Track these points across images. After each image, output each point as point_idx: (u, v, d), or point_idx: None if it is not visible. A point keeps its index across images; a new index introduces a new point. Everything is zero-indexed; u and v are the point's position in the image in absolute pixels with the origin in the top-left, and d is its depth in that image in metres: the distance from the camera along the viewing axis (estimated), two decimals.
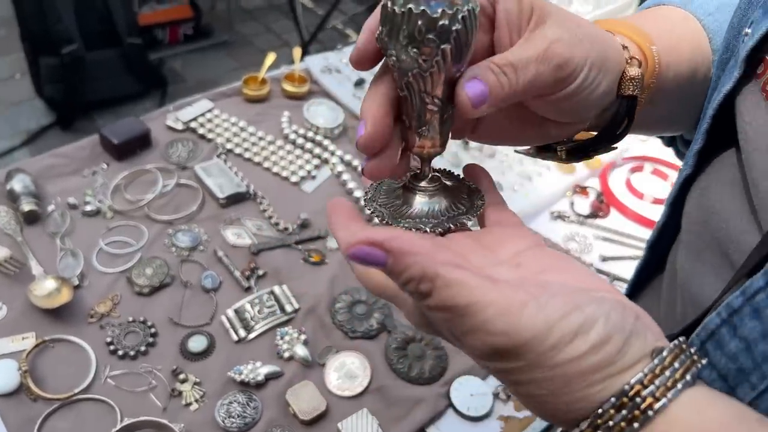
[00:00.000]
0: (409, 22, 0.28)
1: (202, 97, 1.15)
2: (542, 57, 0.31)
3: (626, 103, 0.37)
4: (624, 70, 0.36)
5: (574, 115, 0.36)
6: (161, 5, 2.84)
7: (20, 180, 0.92)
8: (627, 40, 0.38)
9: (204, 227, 0.93)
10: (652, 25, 0.41)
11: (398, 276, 0.27)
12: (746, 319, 0.26)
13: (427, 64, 0.29)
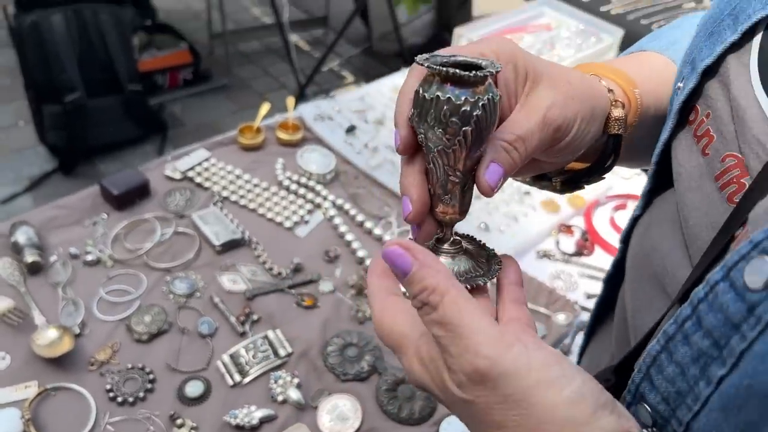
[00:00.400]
0: (436, 106, 0.32)
1: (199, 147, 1.19)
2: (542, 125, 0.35)
3: (612, 140, 0.42)
4: (609, 111, 0.40)
5: (565, 158, 0.41)
6: (161, 52, 2.92)
7: (24, 232, 0.96)
8: (612, 83, 0.42)
9: (201, 274, 0.97)
10: (635, 69, 0.45)
11: (417, 283, 0.31)
12: (679, 345, 0.29)
13: (450, 143, 0.33)
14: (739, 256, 0.26)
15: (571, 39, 1.45)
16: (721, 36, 0.34)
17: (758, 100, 0.31)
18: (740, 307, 0.25)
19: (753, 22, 0.33)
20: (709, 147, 0.34)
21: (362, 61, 3.46)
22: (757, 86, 0.31)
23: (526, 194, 1.17)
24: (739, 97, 0.32)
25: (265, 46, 3.51)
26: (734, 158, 0.32)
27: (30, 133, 2.59)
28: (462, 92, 0.32)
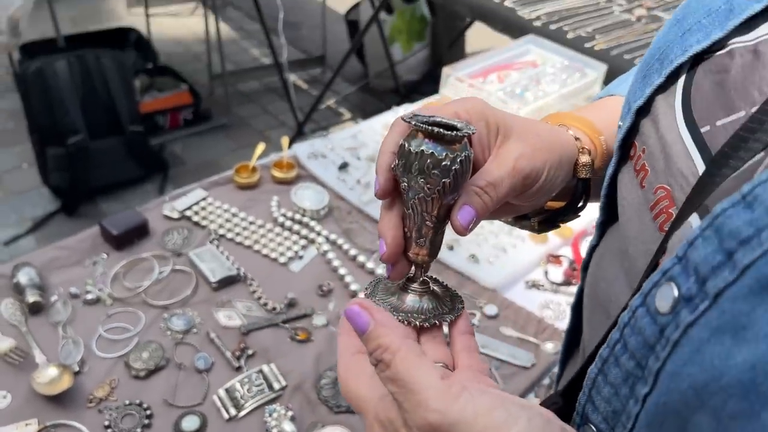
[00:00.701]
0: (420, 159, 0.37)
1: (196, 187, 1.23)
2: (512, 173, 0.39)
3: (582, 183, 0.46)
4: (577, 158, 0.45)
5: (538, 200, 0.45)
6: (162, 93, 3.00)
7: (26, 273, 0.99)
8: (579, 132, 0.47)
9: (197, 310, 0.99)
10: (600, 116, 0.50)
11: (372, 341, 0.34)
12: (611, 366, 0.31)
13: (430, 191, 0.37)
14: (652, 283, 0.28)
15: (556, 74, 1.49)
16: (650, 79, 0.38)
17: (682, 137, 0.34)
18: (654, 330, 0.28)
19: (675, 66, 0.36)
20: (645, 180, 0.36)
21: (359, 98, 3.54)
22: (681, 124, 0.34)
23: None
24: (666, 134, 0.35)
25: (264, 86, 3.59)
26: (664, 190, 0.34)
27: (34, 176, 2.64)
28: (443, 149, 0.36)
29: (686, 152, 0.33)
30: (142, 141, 2.62)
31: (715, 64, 0.34)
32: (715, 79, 0.33)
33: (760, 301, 0.23)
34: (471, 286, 1.07)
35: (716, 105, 0.33)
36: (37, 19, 2.90)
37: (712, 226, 0.25)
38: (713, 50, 0.34)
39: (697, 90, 0.34)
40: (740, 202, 0.25)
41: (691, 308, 0.26)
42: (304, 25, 4.23)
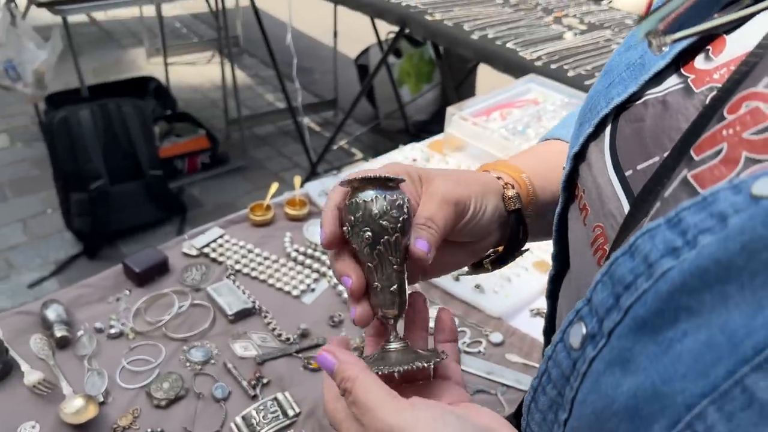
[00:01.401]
0: (376, 203, 0.42)
1: (213, 225, 1.29)
2: (442, 204, 0.45)
3: (515, 216, 0.51)
4: (503, 192, 0.51)
5: (478, 234, 0.50)
6: (181, 138, 3.11)
7: (54, 309, 1.05)
8: (501, 172, 0.53)
9: (215, 342, 1.04)
10: (527, 159, 0.57)
11: (338, 375, 0.40)
12: (540, 395, 0.34)
13: (392, 230, 0.42)
14: (568, 321, 0.32)
15: (557, 111, 1.55)
16: (583, 127, 0.42)
17: (611, 180, 0.37)
18: (569, 363, 0.31)
19: (601, 117, 0.39)
20: (586, 218, 0.40)
21: (370, 138, 3.63)
22: (610, 168, 0.37)
23: None
24: (598, 177, 0.38)
25: (278, 129, 3.70)
26: (600, 228, 0.37)
27: (57, 220, 2.74)
28: (392, 191, 0.43)
29: (615, 194, 0.36)
30: (161, 185, 2.70)
31: (633, 114, 0.37)
32: (633, 127, 0.37)
33: (638, 338, 0.26)
34: (477, 315, 1.11)
35: (636, 151, 0.36)
36: (62, 71, 3.04)
37: (608, 273, 0.29)
38: (633, 100, 0.38)
39: (620, 137, 0.38)
40: (627, 251, 0.28)
41: (593, 345, 0.29)
42: (316, 71, 4.37)
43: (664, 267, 0.25)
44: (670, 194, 0.30)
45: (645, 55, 0.38)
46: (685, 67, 0.36)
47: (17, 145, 3.40)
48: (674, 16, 0.31)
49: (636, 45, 0.40)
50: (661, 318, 0.25)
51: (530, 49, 2.00)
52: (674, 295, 0.25)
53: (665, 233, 0.26)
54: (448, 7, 2.35)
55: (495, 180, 0.51)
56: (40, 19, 3.17)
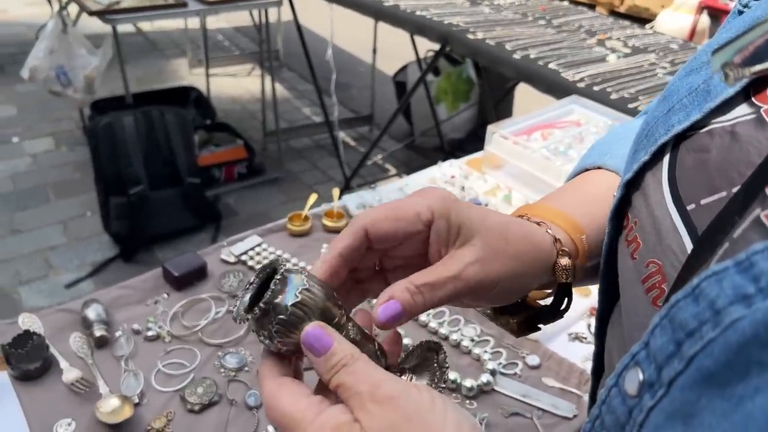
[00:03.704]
0: (269, 317, 0.37)
1: (252, 233, 1.30)
2: (455, 279, 0.39)
3: (563, 290, 0.46)
4: (556, 261, 0.45)
5: (503, 302, 0.45)
6: (219, 148, 3.16)
7: (94, 309, 1.06)
8: (560, 230, 0.47)
9: (249, 350, 1.04)
10: (581, 207, 0.50)
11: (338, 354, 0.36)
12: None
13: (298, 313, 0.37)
14: (623, 365, 0.30)
15: (600, 133, 1.53)
16: (639, 155, 0.39)
17: (670, 214, 0.34)
18: (624, 410, 0.29)
19: (659, 145, 0.37)
20: (637, 252, 0.37)
21: (404, 155, 3.63)
22: (669, 201, 0.35)
23: None
24: (656, 210, 0.36)
25: (314, 142, 3.74)
26: (656, 265, 0.35)
27: (96, 223, 2.80)
28: (285, 285, 0.38)
29: (675, 229, 0.34)
30: (198, 192, 2.75)
31: (696, 143, 0.35)
32: (696, 158, 0.34)
33: (703, 392, 0.24)
34: (513, 337, 1.09)
35: (699, 184, 0.33)
36: (107, 78, 3.13)
37: (668, 316, 0.27)
38: (695, 128, 0.35)
39: (681, 168, 0.35)
40: (690, 294, 0.26)
41: (651, 393, 0.27)
42: (353, 86, 4.42)
43: (734, 316, 0.24)
44: (740, 234, 0.28)
45: (710, 81, 0.36)
46: (757, 96, 0.33)
47: (62, 149, 3.49)
48: (752, 49, 0.30)
49: (698, 69, 0.37)
50: (729, 371, 0.24)
51: (573, 71, 1.99)
52: (745, 348, 0.23)
53: (735, 278, 0.24)
54: (490, 27, 2.36)
55: (549, 245, 0.45)
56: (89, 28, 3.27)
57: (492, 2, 2.75)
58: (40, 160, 3.38)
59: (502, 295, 0.43)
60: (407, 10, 2.49)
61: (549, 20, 2.53)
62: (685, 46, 2.37)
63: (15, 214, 2.93)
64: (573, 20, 2.57)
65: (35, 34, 3.09)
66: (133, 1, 2.69)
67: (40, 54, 2.98)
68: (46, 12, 3.34)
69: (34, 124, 3.72)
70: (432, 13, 2.46)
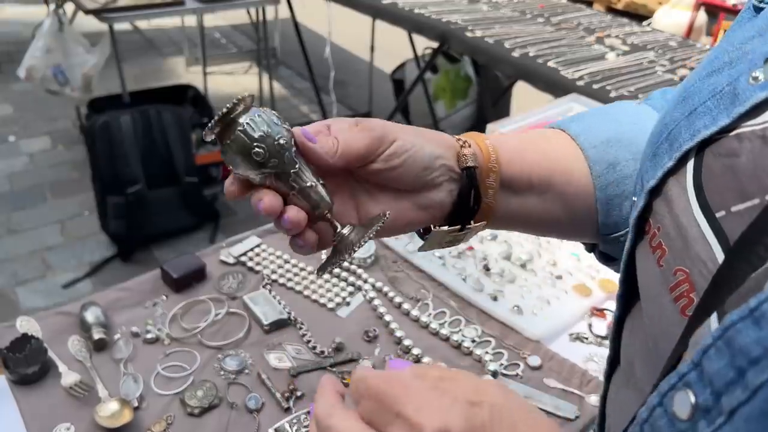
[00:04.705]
0: (245, 135, 0.43)
1: (251, 234, 1.30)
2: (355, 125, 0.46)
3: (467, 174, 0.49)
4: (458, 150, 0.49)
5: (415, 181, 0.48)
6: (216, 147, 3.13)
7: (92, 312, 1.05)
8: (462, 137, 0.51)
9: (249, 352, 1.03)
10: (505, 136, 0.54)
11: None
12: None
13: (271, 141, 0.43)
14: (669, 385, 0.28)
15: None
16: (661, 160, 0.38)
17: (697, 221, 0.33)
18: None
19: (683, 151, 0.35)
20: (663, 259, 0.36)
21: None
22: (696, 208, 0.33)
23: (558, 278, 1.22)
24: (681, 216, 0.34)
25: None
26: (683, 273, 0.33)
27: (94, 222, 2.79)
28: (246, 115, 0.43)
29: (703, 237, 0.32)
30: (196, 191, 2.74)
31: (724, 147, 0.33)
32: (725, 163, 0.33)
33: None
34: (515, 337, 1.08)
35: (729, 190, 0.32)
36: (104, 76, 3.11)
37: (723, 338, 0.25)
38: (721, 131, 0.34)
39: (708, 173, 0.34)
40: (749, 316, 0.24)
41: (708, 420, 0.26)
42: (351, 84, 4.40)
43: None
44: None
45: (736, 84, 0.34)
46: None
47: (58, 148, 3.48)
48: None
49: (720, 70, 0.36)
50: None
51: (572, 69, 1.98)
52: None
53: None
54: (488, 25, 2.35)
55: (450, 137, 0.50)
56: (86, 26, 3.25)
57: (490, 0, 2.74)
58: (37, 159, 3.37)
59: (412, 168, 0.47)
60: (405, 8, 2.48)
61: (547, 18, 2.53)
62: (683, 43, 2.37)
63: (12, 213, 2.92)
64: (571, 18, 2.57)
65: (31, 32, 3.07)
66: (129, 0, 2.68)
67: (37, 53, 2.97)
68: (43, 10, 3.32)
69: (30, 123, 3.70)
70: (430, 11, 2.45)
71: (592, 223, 0.55)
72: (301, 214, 0.44)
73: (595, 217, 0.54)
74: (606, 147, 0.54)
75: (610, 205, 0.54)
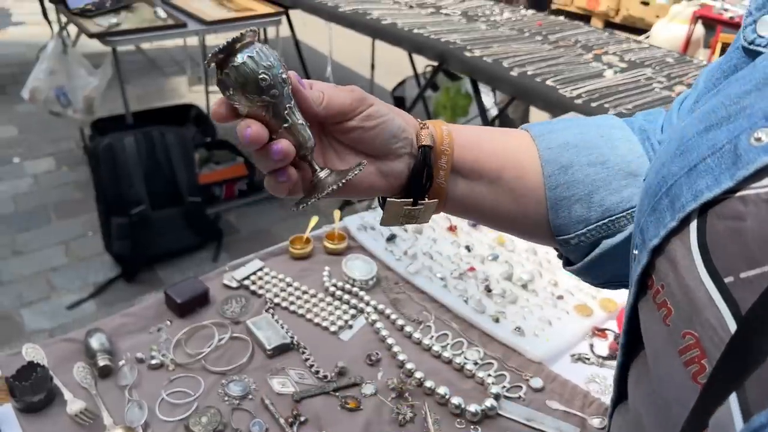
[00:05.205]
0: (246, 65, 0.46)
1: (254, 257, 1.31)
2: (339, 88, 0.51)
3: (422, 152, 0.54)
4: (418, 131, 0.55)
5: (382, 147, 0.53)
6: (219, 166, 3.17)
7: (97, 338, 1.06)
8: (425, 122, 0.57)
9: (253, 377, 1.04)
10: (465, 127, 0.58)
11: None
12: None
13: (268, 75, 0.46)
14: None
15: None
16: (663, 218, 0.37)
17: (705, 285, 0.32)
18: None
19: (687, 212, 0.35)
20: (669, 319, 0.35)
21: None
22: (702, 270, 0.33)
23: (560, 298, 1.22)
24: (687, 278, 0.33)
25: None
26: (692, 336, 0.33)
27: (98, 243, 2.80)
28: (250, 49, 0.46)
29: (712, 302, 0.32)
30: (199, 211, 2.75)
31: (728, 210, 0.32)
32: (730, 226, 0.32)
33: None
34: (517, 359, 1.09)
35: (737, 255, 0.31)
36: (107, 97, 3.14)
37: None
38: (725, 192, 0.33)
39: (713, 236, 0.33)
40: None
41: None
42: None
43: None
44: None
45: (737, 143, 0.33)
46: None
47: (62, 169, 3.51)
48: None
49: (718, 125, 0.35)
50: None
51: (570, 87, 2.00)
52: None
53: None
54: (486, 44, 2.37)
55: (413, 118, 0.56)
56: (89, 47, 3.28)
57: (488, 18, 2.77)
58: (41, 180, 3.39)
59: (382, 132, 0.52)
60: (405, 29, 2.50)
61: (545, 36, 2.55)
62: (680, 59, 2.39)
63: (17, 235, 2.93)
64: (569, 35, 2.59)
65: (36, 54, 3.11)
66: (132, 23, 2.71)
67: (41, 75, 3.00)
68: (46, 32, 3.36)
69: (34, 144, 3.73)
70: (429, 31, 2.48)
71: (545, 223, 0.57)
72: (291, 147, 0.48)
73: (547, 217, 0.57)
74: (562, 150, 0.56)
75: (559, 206, 0.56)
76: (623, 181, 0.55)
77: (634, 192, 0.55)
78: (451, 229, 1.43)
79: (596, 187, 0.55)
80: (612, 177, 0.55)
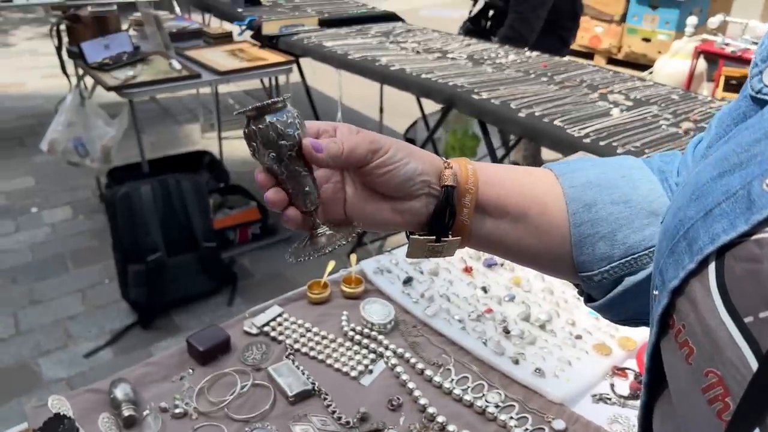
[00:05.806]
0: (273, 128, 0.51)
1: (273, 303, 1.33)
2: (357, 133, 0.55)
3: (445, 192, 0.56)
4: (441, 171, 0.57)
5: (398, 189, 0.56)
6: (233, 210, 3.21)
7: (122, 389, 1.08)
8: (449, 160, 0.59)
9: (275, 424, 1.05)
10: (491, 165, 0.61)
11: None
12: None
13: (290, 144, 0.52)
14: None
15: None
16: (681, 260, 0.38)
17: (725, 325, 0.33)
18: None
19: (705, 255, 0.36)
20: (692, 358, 0.36)
21: None
22: (722, 310, 0.34)
23: (578, 338, 1.23)
24: (708, 318, 0.35)
25: None
26: (715, 375, 0.34)
27: (114, 290, 2.83)
28: (281, 113, 0.51)
29: (733, 341, 0.33)
30: (215, 256, 2.78)
31: (745, 252, 0.34)
32: (747, 268, 0.33)
33: None
34: (538, 401, 1.09)
35: (755, 296, 0.32)
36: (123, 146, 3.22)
37: None
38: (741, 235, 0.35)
39: (731, 277, 0.34)
40: None
41: None
42: None
43: None
44: None
45: (750, 189, 0.35)
46: None
47: (79, 218, 3.56)
48: None
49: (732, 171, 0.37)
50: None
51: (578, 126, 2.03)
52: None
53: None
54: (493, 86, 2.42)
55: (438, 158, 0.57)
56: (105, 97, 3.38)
57: (494, 61, 2.83)
58: (59, 229, 3.45)
59: (395, 177, 0.55)
60: (413, 74, 2.57)
61: (551, 76, 2.60)
62: (685, 96, 2.42)
63: (34, 284, 2.97)
64: (574, 75, 2.64)
65: (54, 107, 3.20)
66: (148, 75, 2.80)
67: (59, 127, 3.09)
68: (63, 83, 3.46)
69: (52, 194, 3.80)
70: (437, 75, 2.54)
71: (569, 259, 0.59)
72: (298, 215, 0.54)
73: (571, 253, 0.58)
74: (585, 188, 0.59)
75: (583, 243, 0.58)
76: (645, 220, 0.57)
77: (656, 231, 0.56)
78: (466, 270, 1.45)
79: (619, 225, 0.57)
80: (635, 216, 0.57)
